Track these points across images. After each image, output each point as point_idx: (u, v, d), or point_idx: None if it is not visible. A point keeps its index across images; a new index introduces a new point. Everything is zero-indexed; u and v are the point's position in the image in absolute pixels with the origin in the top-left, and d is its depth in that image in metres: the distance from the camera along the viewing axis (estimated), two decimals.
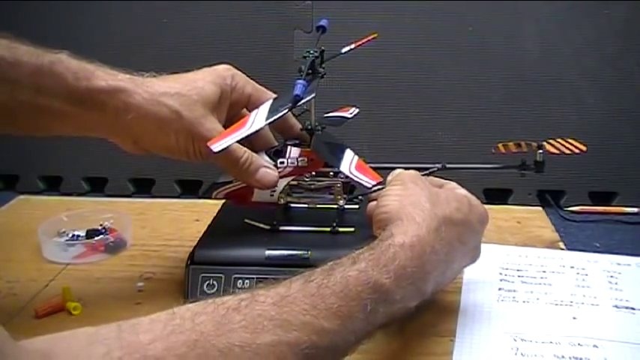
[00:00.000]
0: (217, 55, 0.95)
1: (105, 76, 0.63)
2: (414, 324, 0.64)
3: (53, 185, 1.03)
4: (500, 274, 0.72)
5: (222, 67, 0.68)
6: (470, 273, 0.72)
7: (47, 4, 0.96)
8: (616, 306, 0.65)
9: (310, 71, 0.64)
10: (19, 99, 0.61)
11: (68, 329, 0.62)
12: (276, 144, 0.71)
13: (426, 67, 0.94)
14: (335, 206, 0.71)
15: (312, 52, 0.65)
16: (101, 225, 0.82)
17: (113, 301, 0.69)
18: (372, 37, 0.71)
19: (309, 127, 0.68)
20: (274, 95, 0.69)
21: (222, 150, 0.60)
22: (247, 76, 0.70)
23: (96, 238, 0.79)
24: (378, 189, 0.62)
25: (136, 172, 1.01)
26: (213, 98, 0.65)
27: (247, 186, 0.69)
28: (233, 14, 0.95)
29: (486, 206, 0.64)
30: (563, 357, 0.58)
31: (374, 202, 0.62)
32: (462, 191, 0.63)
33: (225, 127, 0.64)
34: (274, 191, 0.70)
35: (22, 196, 0.99)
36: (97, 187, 1.02)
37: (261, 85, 0.71)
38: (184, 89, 0.64)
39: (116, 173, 1.01)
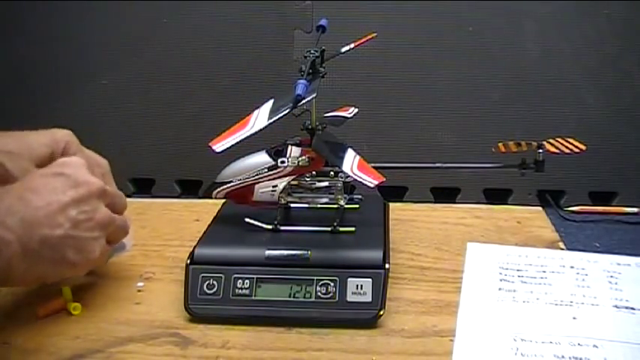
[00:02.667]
0: (217, 55, 0.96)
1: None
2: (414, 324, 0.64)
3: None
4: (500, 274, 0.72)
5: (60, 132, 0.71)
6: (470, 273, 0.72)
7: (47, 4, 0.96)
8: (616, 306, 0.65)
9: (311, 71, 0.64)
10: None
11: (68, 329, 0.63)
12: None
13: (426, 67, 0.94)
14: (335, 206, 0.71)
15: (312, 51, 0.65)
16: None
17: (113, 301, 0.69)
18: (370, 36, 0.71)
19: (310, 126, 0.69)
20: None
21: (225, 150, 0.60)
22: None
23: None
24: None
25: (136, 172, 1.01)
26: (42, 157, 0.68)
27: (247, 185, 0.70)
28: (233, 14, 0.95)
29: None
30: (563, 357, 0.58)
31: None
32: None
33: None
34: (275, 191, 0.70)
35: None
36: None
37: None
38: (16, 148, 0.68)
39: (116, 173, 0.99)
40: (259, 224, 0.71)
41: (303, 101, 0.60)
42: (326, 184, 0.71)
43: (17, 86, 1.00)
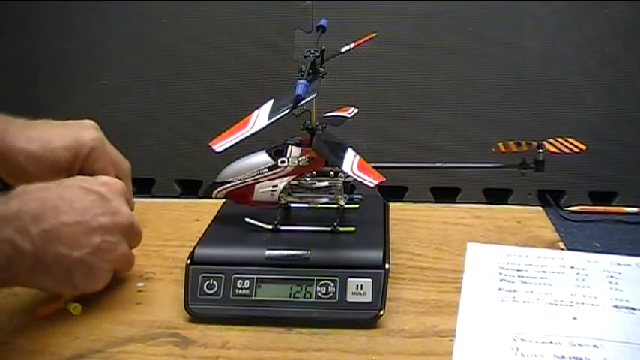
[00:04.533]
0: (217, 55, 0.96)
1: None
2: (414, 324, 0.64)
3: None
4: (500, 274, 0.72)
5: (87, 134, 0.71)
6: (470, 273, 0.72)
7: (48, 4, 0.96)
8: (616, 306, 0.65)
9: (311, 71, 0.64)
10: None
11: (68, 329, 0.63)
12: None
13: (426, 67, 0.94)
14: (335, 206, 0.71)
15: (312, 51, 0.65)
16: None
17: (113, 301, 0.69)
18: (370, 36, 0.71)
19: (310, 126, 0.69)
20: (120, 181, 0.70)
21: (225, 150, 0.60)
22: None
23: None
24: None
25: (136, 172, 1.00)
26: (63, 163, 0.70)
27: (247, 185, 0.70)
28: (233, 14, 0.95)
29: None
30: (563, 357, 0.58)
31: None
32: None
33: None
34: (275, 191, 0.70)
35: None
36: None
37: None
38: (39, 150, 0.69)
39: None
40: (259, 224, 0.71)
41: (303, 101, 0.60)
42: (326, 184, 0.71)
43: (17, 86, 1.00)
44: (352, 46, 0.70)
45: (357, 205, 0.75)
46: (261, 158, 0.70)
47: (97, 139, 0.72)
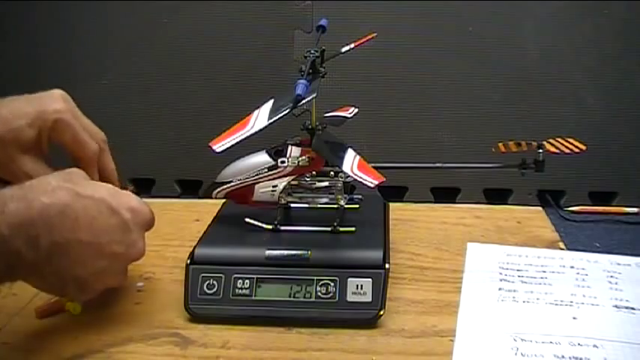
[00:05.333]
0: (217, 55, 0.96)
1: None
2: (414, 324, 0.64)
3: None
4: (500, 274, 0.72)
5: (51, 106, 0.66)
6: (470, 273, 0.72)
7: (48, 4, 0.96)
8: (616, 306, 0.65)
9: (311, 71, 0.64)
10: None
11: (68, 329, 0.62)
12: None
13: (425, 67, 0.94)
14: (335, 206, 0.71)
15: (312, 51, 0.65)
16: None
17: (113, 300, 0.69)
18: (370, 36, 0.71)
19: (310, 126, 0.69)
20: (94, 148, 0.68)
21: (225, 150, 0.60)
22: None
23: None
24: None
25: (136, 172, 1.01)
26: (28, 141, 0.65)
27: (247, 185, 0.70)
28: (233, 14, 0.95)
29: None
30: (563, 357, 0.58)
31: None
32: None
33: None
34: (275, 191, 0.70)
35: None
36: None
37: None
38: (1, 131, 0.64)
39: (117, 173, 1.01)
40: (259, 224, 0.71)
41: (303, 101, 0.60)
42: (326, 184, 0.71)
43: (17, 86, 0.99)
44: (352, 46, 0.70)
45: (357, 205, 0.75)
46: (261, 158, 0.70)
47: (63, 110, 0.66)
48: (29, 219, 0.54)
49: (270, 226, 0.70)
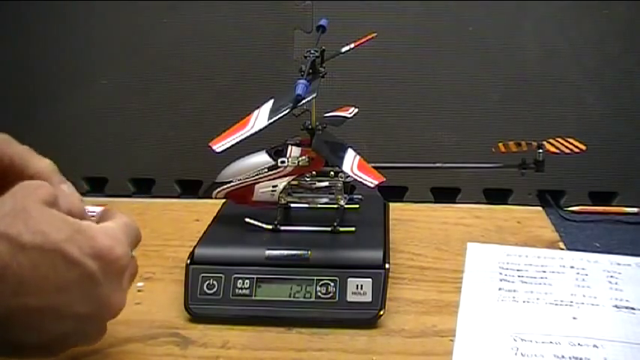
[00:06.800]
0: (217, 55, 0.96)
1: None
2: (414, 324, 0.64)
3: None
4: (500, 274, 0.72)
5: None
6: (470, 273, 0.72)
7: (47, 4, 0.96)
8: (616, 306, 0.65)
9: (311, 71, 0.64)
10: None
11: None
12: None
13: (426, 67, 0.94)
14: (335, 206, 0.71)
15: (312, 51, 0.65)
16: None
17: None
18: (370, 36, 0.71)
19: (310, 126, 0.69)
20: (47, 161, 0.56)
21: (225, 150, 0.60)
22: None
23: None
24: None
25: (136, 172, 1.01)
26: None
27: (247, 185, 0.70)
28: (233, 14, 0.95)
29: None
30: (563, 357, 0.58)
31: None
32: None
33: None
34: (275, 191, 0.70)
35: None
36: (97, 187, 1.02)
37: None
38: None
39: (116, 173, 1.01)
40: (259, 224, 0.71)
41: (303, 101, 0.60)
42: (326, 184, 0.71)
43: (17, 86, 1.00)
44: (352, 46, 0.70)
45: (357, 205, 0.75)
46: (261, 158, 0.70)
47: None
48: None
49: (270, 226, 0.70)
